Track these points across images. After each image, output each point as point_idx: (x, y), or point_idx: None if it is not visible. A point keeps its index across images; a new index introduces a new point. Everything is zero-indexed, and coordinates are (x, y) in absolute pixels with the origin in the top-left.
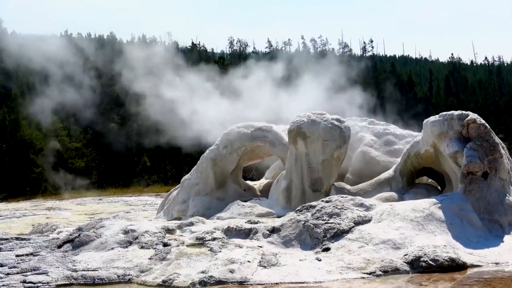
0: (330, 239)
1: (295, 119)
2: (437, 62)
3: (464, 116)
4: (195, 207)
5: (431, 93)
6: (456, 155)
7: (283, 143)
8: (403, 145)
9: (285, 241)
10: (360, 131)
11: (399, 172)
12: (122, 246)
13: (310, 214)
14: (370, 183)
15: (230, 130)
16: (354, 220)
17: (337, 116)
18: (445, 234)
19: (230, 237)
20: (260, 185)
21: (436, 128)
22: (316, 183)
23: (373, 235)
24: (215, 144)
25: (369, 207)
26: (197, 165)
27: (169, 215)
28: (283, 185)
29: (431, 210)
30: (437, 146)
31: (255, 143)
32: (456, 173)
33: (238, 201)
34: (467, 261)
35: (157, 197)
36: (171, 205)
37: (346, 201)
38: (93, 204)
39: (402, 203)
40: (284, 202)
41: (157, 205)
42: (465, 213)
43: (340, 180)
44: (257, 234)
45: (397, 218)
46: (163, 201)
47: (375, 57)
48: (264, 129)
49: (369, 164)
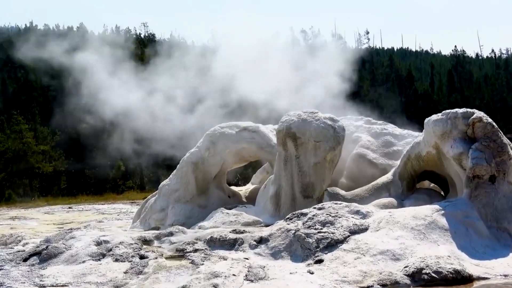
0: (323, 250)
1: (284, 118)
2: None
3: (469, 114)
4: (174, 216)
5: (433, 89)
6: (461, 157)
7: (271, 144)
8: (402, 146)
9: (274, 253)
10: (355, 131)
11: (399, 176)
12: (95, 259)
13: (301, 223)
14: (367, 188)
15: (213, 130)
16: (350, 229)
17: (330, 115)
18: (449, 244)
19: (213, 248)
20: (246, 191)
21: (438, 127)
22: (307, 188)
23: (370, 245)
24: (196, 146)
25: (366, 214)
26: (177, 170)
27: (146, 224)
28: (272, 191)
29: (434, 217)
30: (439, 147)
31: (241, 145)
32: (460, 177)
33: (222, 209)
34: (473, 273)
35: (133, 205)
36: (148, 213)
37: (340, 208)
38: (62, 213)
39: (402, 210)
40: (273, 209)
41: (132, 214)
42: (470, 221)
43: (334, 185)
44: (243, 245)
45: (397, 227)
46: (139, 209)
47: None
48: (251, 130)
49: (365, 168)
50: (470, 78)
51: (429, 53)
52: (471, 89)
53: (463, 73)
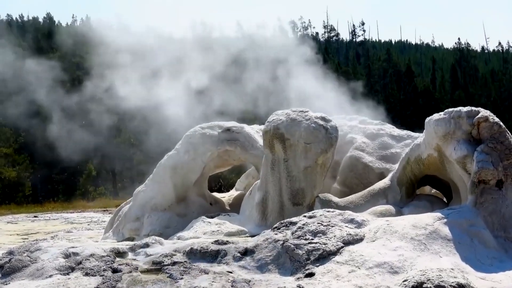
0: (315, 263)
1: (272, 118)
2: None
3: (474, 113)
4: (151, 225)
5: (434, 85)
6: (465, 160)
7: (257, 147)
8: (401, 148)
9: (260, 265)
10: (349, 131)
11: (397, 181)
12: (63, 272)
13: (290, 233)
14: (362, 194)
15: (193, 131)
16: (343, 239)
17: (322, 114)
18: (452, 255)
19: (193, 260)
20: (230, 198)
21: (440, 127)
22: (297, 195)
23: (366, 257)
24: (174, 149)
25: (361, 223)
26: (153, 174)
27: (120, 234)
28: (257, 197)
29: (436, 226)
30: (442, 150)
31: (223, 147)
32: (465, 182)
33: (203, 218)
34: (478, 287)
35: (105, 213)
36: (121, 222)
37: (333, 217)
38: (27, 222)
39: (400, 219)
40: (259, 218)
41: (104, 223)
42: (476, 230)
43: (326, 191)
44: (226, 257)
45: (395, 237)
46: (112, 218)
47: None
48: (234, 130)
49: (360, 172)
50: (475, 74)
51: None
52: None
53: (468, 68)
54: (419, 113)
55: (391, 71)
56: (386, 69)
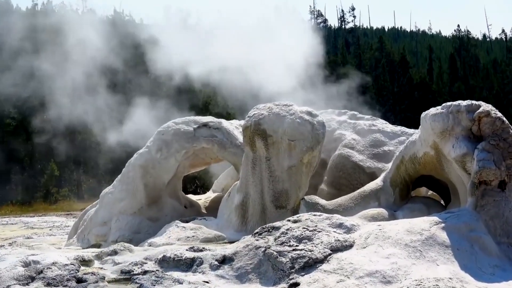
0: (299, 271)
1: (253, 112)
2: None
3: (475, 108)
4: (119, 230)
5: (431, 77)
6: (465, 159)
7: (237, 144)
8: (394, 146)
9: (240, 275)
10: (338, 127)
11: (390, 182)
12: (22, 283)
13: (273, 239)
14: (352, 197)
15: (166, 127)
16: (331, 245)
17: (307, 108)
18: (450, 263)
19: (166, 269)
20: (206, 200)
21: (437, 123)
22: (280, 197)
23: (356, 265)
24: (146, 146)
25: (351, 228)
26: (122, 175)
27: (85, 241)
28: (237, 200)
29: (432, 231)
30: (439, 148)
31: (199, 145)
32: (464, 183)
33: (177, 222)
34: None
35: (69, 218)
36: (87, 227)
37: (320, 221)
38: None
39: (394, 223)
40: (238, 222)
41: (68, 228)
42: (476, 236)
43: (313, 193)
44: (203, 266)
45: (388, 243)
46: (76, 223)
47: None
48: (211, 126)
49: (350, 172)
50: (476, 64)
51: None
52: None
53: (468, 58)
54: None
55: (383, 61)
56: (378, 59)
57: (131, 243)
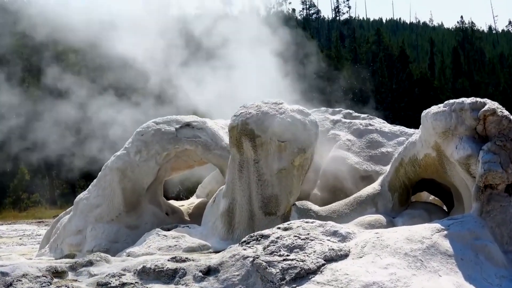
0: (291, 283)
1: (239, 111)
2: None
3: (480, 106)
4: (95, 239)
5: (433, 72)
6: (469, 161)
7: (222, 145)
8: (393, 147)
9: (226, 287)
10: (332, 127)
11: (388, 186)
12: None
13: (262, 248)
14: (347, 202)
15: (146, 127)
16: (325, 255)
17: (299, 106)
18: (453, 274)
19: (146, 281)
20: (190, 206)
21: (439, 122)
22: (269, 202)
23: (352, 276)
24: (124, 148)
25: (346, 236)
26: (98, 179)
27: (58, 251)
28: (223, 206)
29: (434, 239)
30: (441, 149)
31: (182, 146)
32: (468, 187)
33: (158, 230)
34: None
35: (40, 226)
36: (60, 236)
37: (312, 229)
38: None
39: (392, 231)
40: (224, 230)
41: (40, 237)
42: (481, 244)
43: (305, 199)
44: (186, 277)
45: (386, 252)
46: (48, 231)
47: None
48: (195, 126)
49: (345, 175)
50: (481, 59)
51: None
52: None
53: (472, 52)
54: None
55: (381, 55)
56: (376, 53)
57: (108, 253)
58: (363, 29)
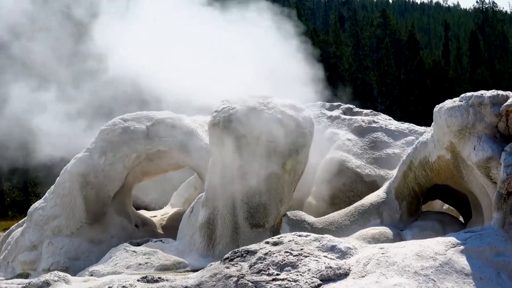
0: None
1: (221, 107)
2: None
3: (502, 99)
4: (53, 256)
5: (448, 61)
6: (489, 164)
7: (201, 146)
8: (400, 148)
9: None
10: (329, 125)
11: (395, 194)
12: None
13: (248, 266)
14: (347, 212)
15: (112, 125)
16: (321, 274)
17: (291, 101)
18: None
19: None
20: (163, 217)
21: (455, 119)
22: (256, 213)
23: None
24: (86, 149)
25: (346, 252)
26: (56, 185)
27: (9, 269)
28: (202, 216)
29: (449, 256)
30: (456, 150)
31: (154, 147)
32: (489, 194)
33: (126, 245)
34: None
35: None
36: (11, 252)
37: (307, 243)
38: None
39: (400, 245)
40: (204, 245)
41: None
42: (504, 261)
43: (298, 208)
44: None
45: (392, 270)
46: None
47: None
48: (169, 123)
49: (345, 181)
50: (503, 44)
51: (442, 7)
52: (505, 60)
53: (493, 37)
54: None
55: (387, 40)
56: (381, 37)
57: (67, 272)
58: (366, 10)
